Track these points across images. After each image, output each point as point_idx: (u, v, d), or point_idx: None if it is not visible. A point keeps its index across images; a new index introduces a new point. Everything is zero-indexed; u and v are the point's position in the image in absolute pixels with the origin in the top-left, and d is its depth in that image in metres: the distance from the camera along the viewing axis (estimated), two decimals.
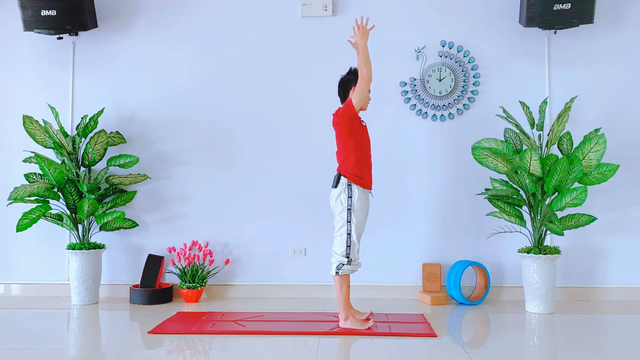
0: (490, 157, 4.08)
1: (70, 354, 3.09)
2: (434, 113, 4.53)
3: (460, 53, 4.53)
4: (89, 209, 4.20)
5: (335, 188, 3.50)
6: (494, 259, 4.45)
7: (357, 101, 3.45)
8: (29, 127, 4.29)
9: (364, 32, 3.44)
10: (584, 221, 4.01)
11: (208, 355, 3.10)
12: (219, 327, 3.54)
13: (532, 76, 4.50)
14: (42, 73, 4.67)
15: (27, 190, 4.14)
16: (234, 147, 4.61)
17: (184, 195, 4.61)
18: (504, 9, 4.52)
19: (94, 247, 4.30)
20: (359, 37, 3.43)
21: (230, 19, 4.63)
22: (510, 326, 3.73)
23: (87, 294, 4.27)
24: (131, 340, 3.38)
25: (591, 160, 3.92)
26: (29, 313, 4.06)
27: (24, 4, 4.34)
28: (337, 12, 4.57)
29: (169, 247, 4.47)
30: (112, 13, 4.66)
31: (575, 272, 4.43)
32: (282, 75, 4.60)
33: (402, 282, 4.48)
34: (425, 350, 3.09)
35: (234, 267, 4.57)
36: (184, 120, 4.62)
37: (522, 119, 4.29)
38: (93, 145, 4.34)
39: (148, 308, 4.16)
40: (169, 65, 4.64)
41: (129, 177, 4.46)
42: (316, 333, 3.40)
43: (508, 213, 4.13)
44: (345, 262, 3.45)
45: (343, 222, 3.47)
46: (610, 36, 4.48)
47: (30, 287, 4.60)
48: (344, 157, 3.51)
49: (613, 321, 3.85)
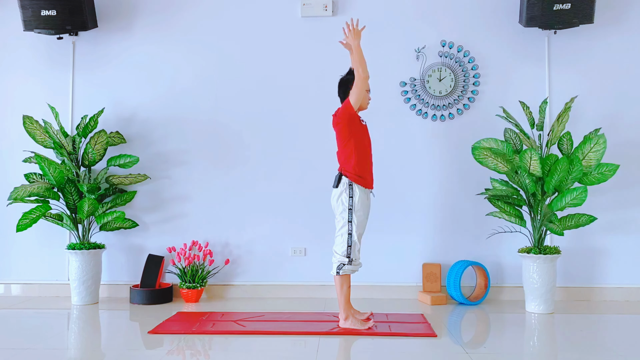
0: (490, 157, 4.08)
1: (70, 354, 3.09)
2: (434, 113, 4.53)
3: (460, 53, 4.53)
4: (89, 209, 4.20)
5: (337, 188, 3.50)
6: (494, 259, 4.46)
7: (355, 100, 3.46)
8: (29, 127, 4.29)
9: (356, 32, 3.54)
10: (584, 221, 4.01)
11: (208, 355, 3.10)
12: (219, 327, 3.54)
13: (532, 76, 4.50)
14: (42, 73, 4.67)
15: (27, 190, 4.14)
16: (234, 147, 4.61)
17: (184, 195, 4.61)
18: (504, 9, 4.52)
19: (94, 247, 4.30)
20: (352, 38, 3.52)
21: (230, 19, 4.63)
22: (510, 326, 3.73)
23: (87, 294, 4.27)
24: (131, 340, 3.38)
25: (591, 160, 3.92)
26: (29, 313, 4.06)
27: (24, 4, 4.34)
28: (337, 12, 4.57)
29: (169, 247, 4.47)
30: (112, 13, 4.66)
31: (575, 272, 4.43)
32: (282, 75, 4.60)
33: (402, 282, 4.48)
34: (425, 350, 3.09)
35: (234, 267, 4.57)
36: (184, 120, 4.62)
37: (522, 119, 4.29)
38: (93, 145, 4.34)
39: (148, 308, 4.17)
40: (168, 65, 4.64)
41: (129, 177, 4.46)
42: (316, 333, 3.40)
43: (508, 213, 4.13)
44: (346, 262, 3.45)
45: (344, 222, 3.47)
46: (610, 36, 4.48)
47: (30, 287, 4.60)
48: (344, 157, 3.51)
49: (613, 321, 3.86)
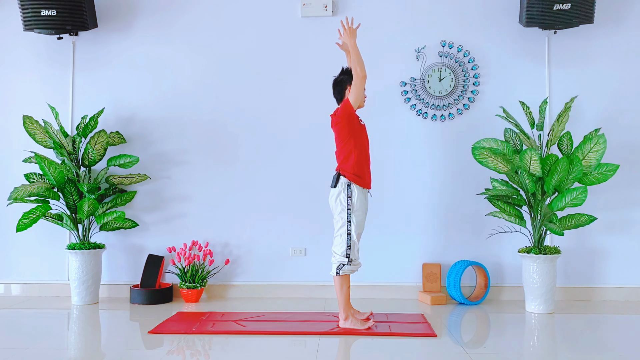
0: (490, 157, 4.08)
1: (70, 354, 3.09)
2: (434, 113, 4.53)
3: (460, 53, 4.53)
4: (89, 209, 4.20)
5: (335, 188, 3.50)
6: (494, 259, 4.45)
7: (355, 99, 3.46)
8: (29, 127, 4.29)
9: (352, 31, 3.55)
10: (584, 221, 4.01)
11: (208, 355, 3.10)
12: (219, 327, 3.54)
13: (532, 76, 4.50)
14: (42, 73, 4.67)
15: (27, 190, 4.14)
16: (234, 147, 4.61)
17: (184, 195, 4.61)
18: (504, 9, 4.52)
19: (94, 247, 4.30)
20: (348, 37, 3.54)
21: (230, 19, 4.63)
22: (510, 326, 3.73)
23: (87, 294, 4.27)
24: (131, 340, 3.38)
25: (591, 160, 3.92)
26: (29, 313, 4.06)
27: (24, 4, 4.34)
28: (337, 12, 4.57)
29: (169, 247, 4.47)
30: (112, 13, 4.66)
31: (575, 272, 4.43)
32: (282, 75, 4.60)
33: (402, 282, 4.48)
34: (425, 350, 3.10)
35: (234, 267, 4.57)
36: (184, 120, 4.62)
37: (522, 119, 4.29)
38: (93, 145, 4.34)
39: (148, 308, 4.17)
40: (169, 65, 4.64)
41: (129, 177, 4.46)
42: (316, 333, 3.40)
43: (508, 213, 4.13)
44: (346, 262, 3.45)
45: (343, 222, 3.47)
46: (610, 36, 4.48)
47: (30, 287, 4.60)
48: (343, 157, 3.51)
49: (613, 321, 3.86)
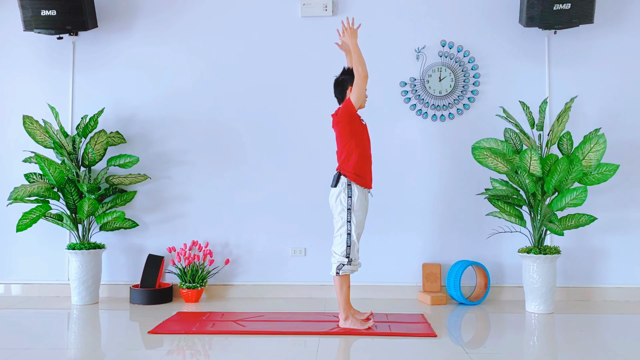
0: (490, 157, 4.08)
1: (70, 354, 3.09)
2: (434, 113, 4.53)
3: (460, 53, 4.53)
4: (89, 209, 4.20)
5: (335, 187, 3.50)
6: (494, 259, 4.45)
7: (356, 99, 3.46)
8: (29, 127, 4.29)
9: (353, 31, 3.56)
10: (584, 221, 4.01)
11: (208, 355, 3.10)
12: (219, 327, 3.54)
13: (532, 76, 4.50)
14: (42, 73, 4.67)
15: (27, 190, 4.14)
16: (234, 147, 4.61)
17: (184, 195, 4.61)
18: (504, 9, 4.52)
19: (94, 247, 4.30)
20: (349, 37, 3.55)
21: (230, 19, 4.63)
22: (510, 326, 3.73)
23: (87, 294, 4.27)
24: (131, 340, 3.38)
25: (591, 160, 3.92)
26: (29, 313, 4.06)
27: (24, 4, 4.34)
28: (337, 12, 4.57)
29: (169, 247, 4.47)
30: (112, 13, 4.66)
31: (575, 272, 4.43)
32: (282, 75, 4.60)
33: (402, 282, 4.48)
34: (425, 350, 3.09)
35: (234, 267, 4.57)
36: (184, 120, 4.62)
37: (522, 119, 4.29)
38: (93, 145, 4.34)
39: (148, 308, 4.16)
40: (169, 65, 4.64)
41: (129, 177, 4.46)
42: (316, 333, 3.40)
43: (508, 213, 4.13)
44: (346, 262, 3.44)
45: (343, 222, 3.47)
46: (610, 36, 4.48)
47: (30, 287, 4.60)
48: (344, 156, 3.50)
49: (613, 321, 3.85)
